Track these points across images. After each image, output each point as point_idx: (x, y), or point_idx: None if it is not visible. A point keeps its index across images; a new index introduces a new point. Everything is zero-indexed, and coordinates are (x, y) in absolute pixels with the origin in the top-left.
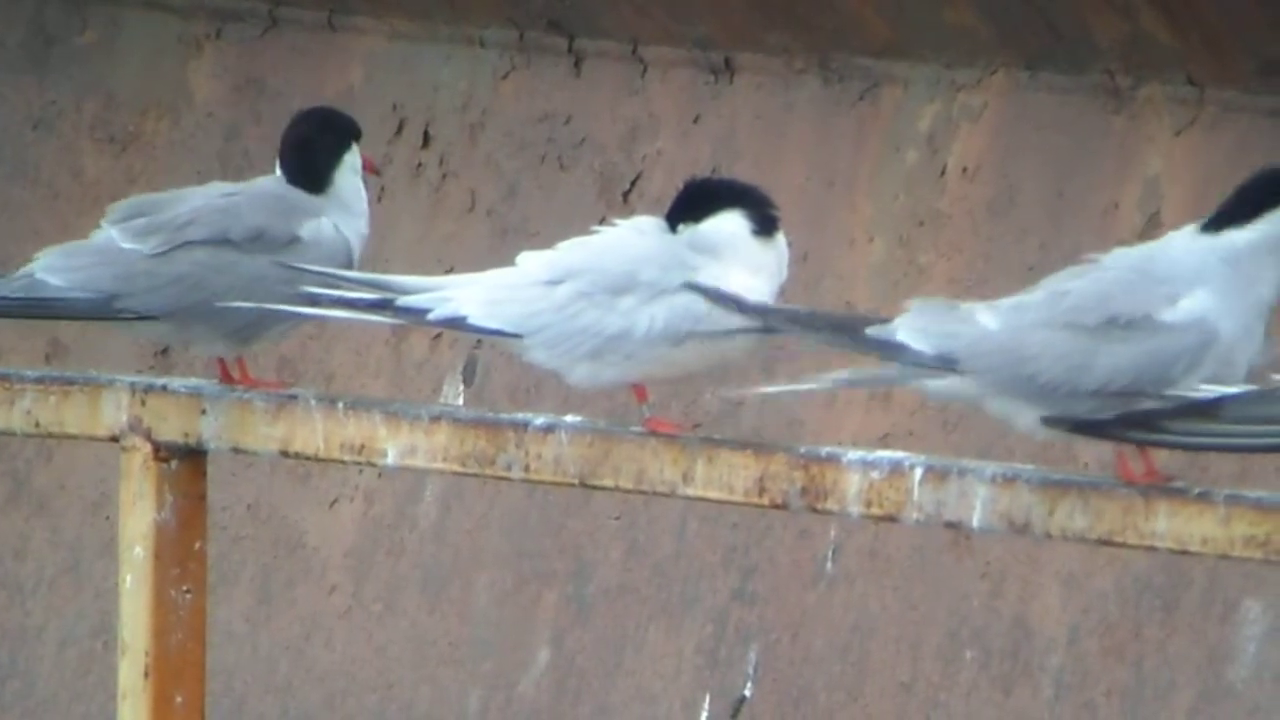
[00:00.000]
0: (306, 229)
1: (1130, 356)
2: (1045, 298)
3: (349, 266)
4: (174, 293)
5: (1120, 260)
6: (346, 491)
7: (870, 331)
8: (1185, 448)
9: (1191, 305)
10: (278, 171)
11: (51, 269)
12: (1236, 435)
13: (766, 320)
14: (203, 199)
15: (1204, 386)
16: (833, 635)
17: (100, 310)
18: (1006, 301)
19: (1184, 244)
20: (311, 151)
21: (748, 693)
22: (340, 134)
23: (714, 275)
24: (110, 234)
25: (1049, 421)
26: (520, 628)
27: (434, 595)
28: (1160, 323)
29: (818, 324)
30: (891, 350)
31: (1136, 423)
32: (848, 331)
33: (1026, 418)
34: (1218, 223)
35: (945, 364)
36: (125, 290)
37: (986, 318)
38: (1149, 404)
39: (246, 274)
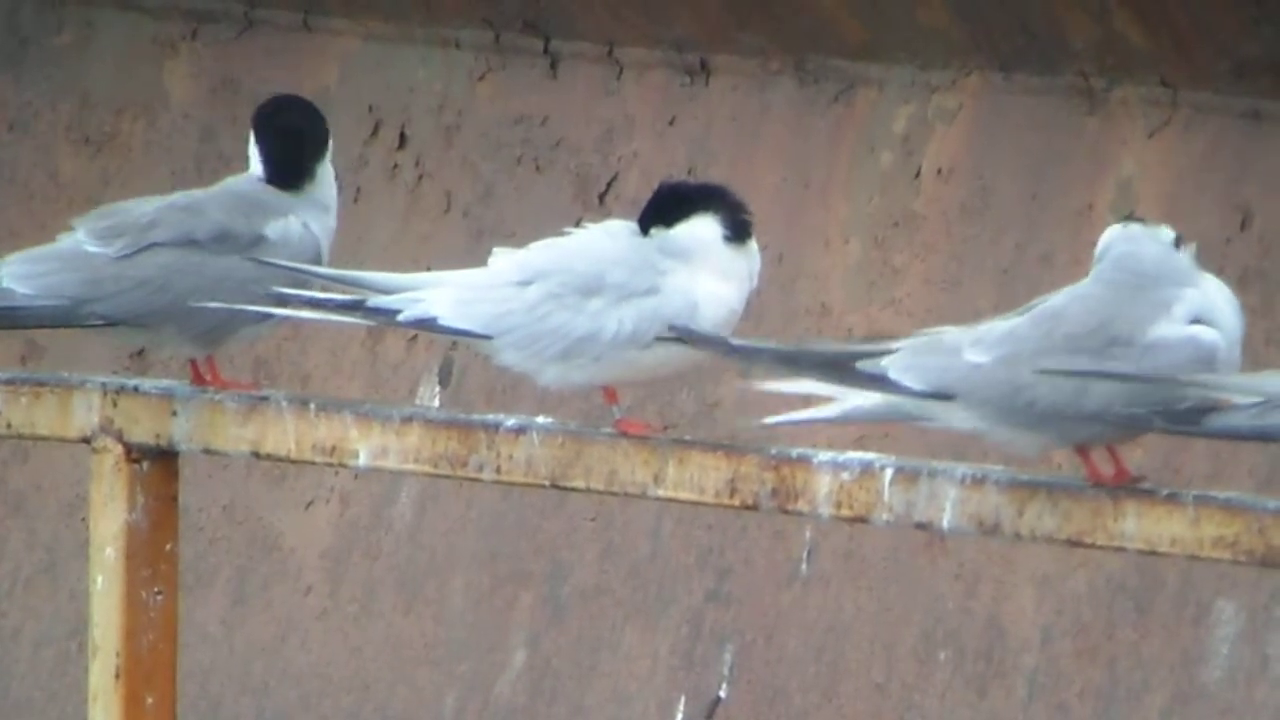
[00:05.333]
0: (273, 228)
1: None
2: (1036, 324)
3: (318, 264)
4: (141, 296)
5: (1105, 277)
6: (322, 493)
7: (861, 366)
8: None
9: (1184, 312)
10: (253, 168)
11: (17, 277)
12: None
13: (752, 361)
14: (167, 200)
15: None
16: (807, 636)
17: (68, 317)
18: (992, 334)
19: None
20: (298, 149)
21: (723, 694)
22: (321, 129)
23: (683, 280)
24: (77, 237)
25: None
26: (496, 629)
27: (410, 596)
28: (1157, 343)
29: (805, 362)
30: (885, 386)
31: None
32: (837, 368)
33: (1027, 443)
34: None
35: (940, 395)
36: (92, 295)
37: (975, 351)
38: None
39: (212, 274)
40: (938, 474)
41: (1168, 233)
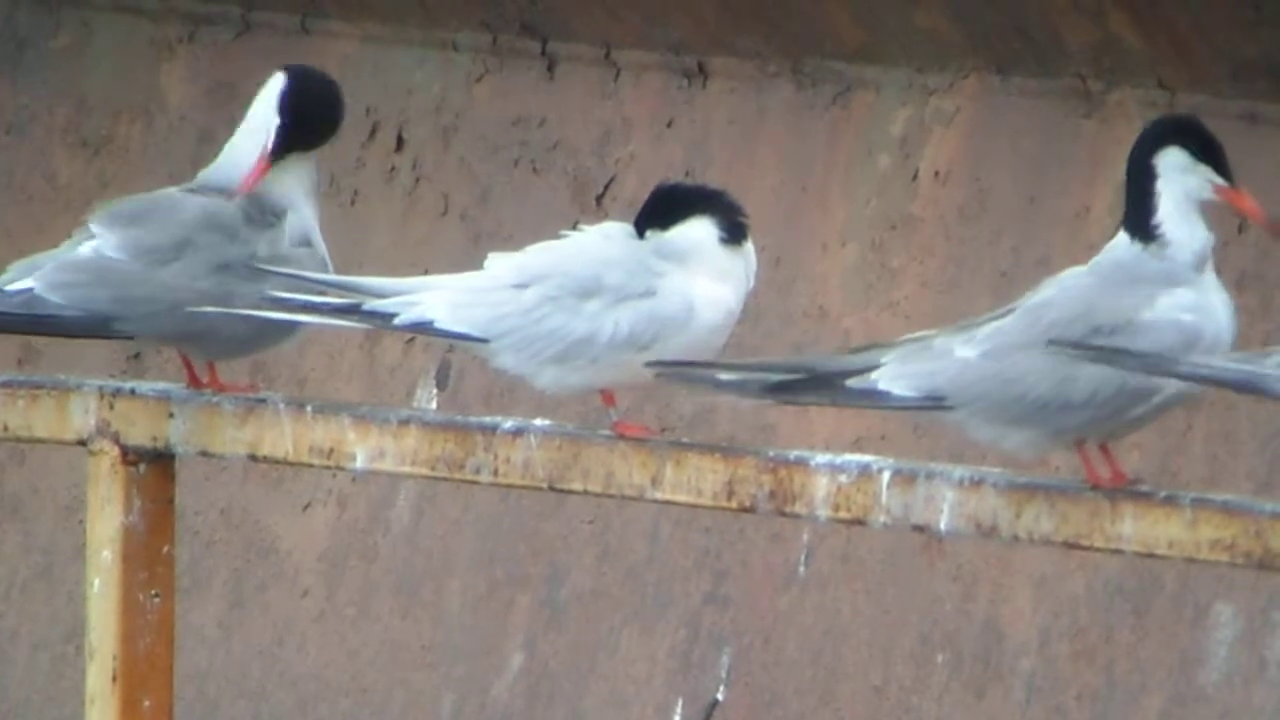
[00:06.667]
0: (288, 240)
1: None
2: (1022, 316)
3: (321, 265)
4: (172, 319)
5: (1099, 271)
6: (319, 495)
7: (851, 384)
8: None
9: (1170, 303)
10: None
11: (50, 285)
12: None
13: (741, 394)
14: (191, 211)
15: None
16: (805, 639)
17: (95, 329)
18: (981, 330)
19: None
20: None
21: (720, 696)
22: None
23: (679, 282)
24: (104, 244)
25: (1054, 343)
26: (493, 632)
27: (407, 599)
28: (1141, 323)
29: (795, 387)
30: (877, 399)
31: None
32: (827, 388)
33: (1016, 440)
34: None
35: (933, 403)
36: (123, 313)
37: (964, 349)
38: (1083, 387)
39: (243, 303)
40: (935, 476)
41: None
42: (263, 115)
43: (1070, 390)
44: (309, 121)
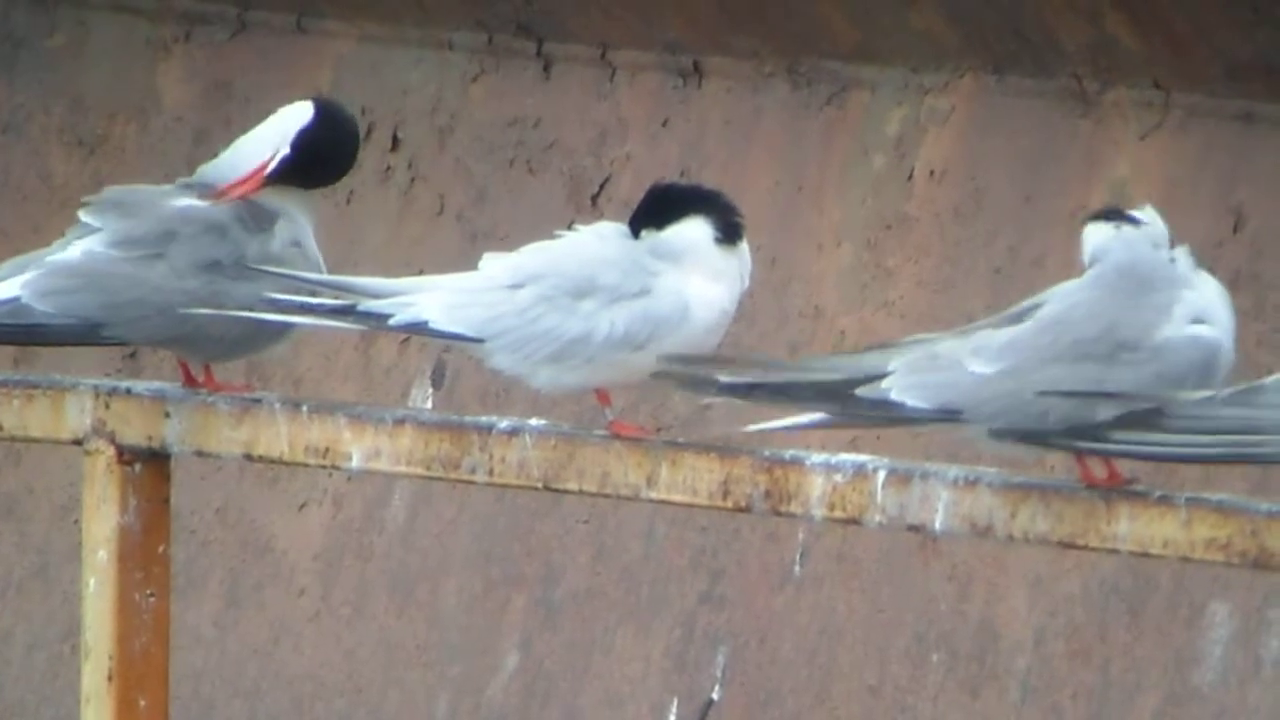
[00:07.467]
0: (278, 241)
1: (1139, 381)
2: (1041, 333)
3: (314, 268)
4: (161, 323)
5: (1104, 282)
6: (315, 495)
7: (861, 393)
8: (1131, 456)
9: (1184, 313)
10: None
11: (37, 293)
12: (1180, 444)
13: (747, 397)
14: (181, 207)
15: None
16: (800, 638)
17: (85, 337)
18: (993, 341)
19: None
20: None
21: (716, 696)
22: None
23: (674, 281)
24: (93, 241)
25: (996, 434)
26: (489, 631)
27: (402, 599)
28: (1163, 344)
29: (801, 394)
30: (888, 410)
31: (1082, 433)
32: (836, 396)
33: (1030, 449)
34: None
35: (948, 416)
36: (111, 319)
37: (978, 363)
38: (1100, 411)
39: (232, 305)
40: (930, 476)
41: (1158, 228)
42: (277, 136)
43: (1091, 413)
44: (317, 167)
